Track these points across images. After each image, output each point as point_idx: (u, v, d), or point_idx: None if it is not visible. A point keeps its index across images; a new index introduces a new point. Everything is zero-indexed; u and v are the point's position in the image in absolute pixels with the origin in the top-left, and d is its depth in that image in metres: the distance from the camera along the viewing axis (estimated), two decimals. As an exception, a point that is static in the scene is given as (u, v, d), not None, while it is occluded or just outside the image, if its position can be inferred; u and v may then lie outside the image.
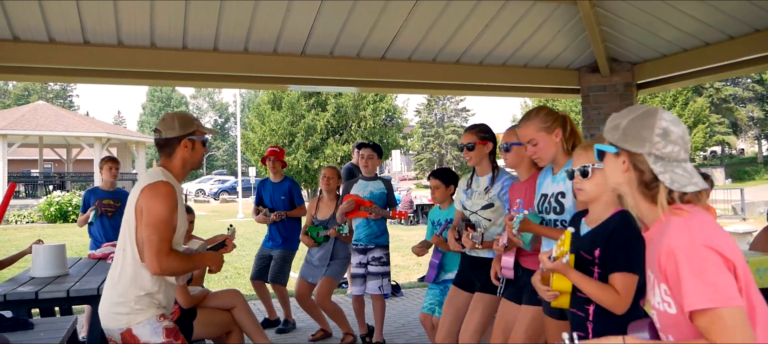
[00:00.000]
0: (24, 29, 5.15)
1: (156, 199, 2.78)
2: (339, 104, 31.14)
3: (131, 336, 2.81)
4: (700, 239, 1.67)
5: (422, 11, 5.71)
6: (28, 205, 24.34)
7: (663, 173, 1.81)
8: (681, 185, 1.79)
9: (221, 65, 5.85)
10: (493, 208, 3.94)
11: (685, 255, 1.66)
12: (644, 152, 1.84)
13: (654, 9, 5.74)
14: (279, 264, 6.29)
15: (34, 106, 31.14)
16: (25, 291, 4.23)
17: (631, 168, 1.88)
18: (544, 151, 3.16)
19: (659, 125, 1.84)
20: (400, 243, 13.61)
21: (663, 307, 1.79)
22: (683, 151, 1.83)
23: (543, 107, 3.27)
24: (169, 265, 2.78)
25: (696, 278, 1.63)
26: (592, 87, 6.94)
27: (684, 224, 1.73)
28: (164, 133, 2.96)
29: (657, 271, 1.77)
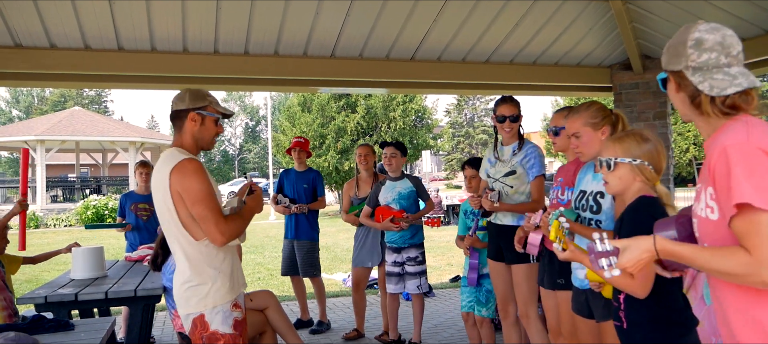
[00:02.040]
0: (59, 37, 5.26)
1: (190, 177, 2.78)
2: (369, 105, 31.17)
3: (203, 323, 2.83)
4: (757, 142, 1.62)
5: (451, 11, 5.69)
6: (66, 209, 24.88)
7: (702, 82, 1.77)
8: (721, 89, 1.74)
9: (252, 69, 5.91)
10: (515, 175, 4.08)
11: (740, 153, 1.61)
12: (682, 67, 1.82)
13: (687, 5, 5.64)
14: (307, 257, 6.34)
15: (71, 112, 31.79)
16: (65, 292, 4.34)
17: (679, 88, 1.86)
18: (587, 146, 3.15)
19: (692, 36, 1.81)
20: (432, 244, 13.58)
21: (705, 213, 1.73)
22: (724, 56, 1.77)
23: (595, 102, 3.26)
24: (229, 231, 2.80)
25: (747, 175, 1.58)
26: (624, 85, 6.85)
27: (741, 125, 1.68)
28: (175, 105, 2.97)
29: (706, 174, 1.72)
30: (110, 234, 17.37)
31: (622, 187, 2.48)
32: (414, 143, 30.81)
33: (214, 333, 2.83)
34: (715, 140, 1.71)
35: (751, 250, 1.57)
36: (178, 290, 2.90)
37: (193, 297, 2.84)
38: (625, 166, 2.44)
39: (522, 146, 4.13)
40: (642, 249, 1.78)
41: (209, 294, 2.83)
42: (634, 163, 2.43)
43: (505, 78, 6.81)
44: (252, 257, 13.15)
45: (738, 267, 1.58)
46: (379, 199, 5.53)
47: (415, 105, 32.18)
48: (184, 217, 2.82)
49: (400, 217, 5.36)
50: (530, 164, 4.05)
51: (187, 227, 2.83)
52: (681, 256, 1.72)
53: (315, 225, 6.47)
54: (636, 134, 2.50)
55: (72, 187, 30.13)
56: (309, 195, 6.44)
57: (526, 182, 4.07)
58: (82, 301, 4.33)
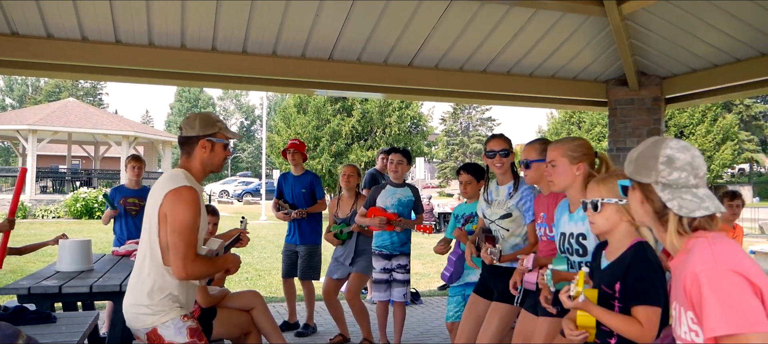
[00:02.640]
0: (57, 27, 5.24)
1: (181, 205, 2.79)
2: (365, 109, 31.18)
3: (156, 336, 2.85)
4: (725, 263, 1.64)
5: (451, 20, 5.70)
6: (54, 200, 24.72)
7: (671, 200, 1.81)
8: (690, 211, 1.77)
9: (249, 68, 5.89)
10: (511, 218, 3.95)
11: (709, 279, 1.63)
12: (651, 181, 1.85)
13: (684, 23, 5.67)
14: (306, 260, 6.32)
15: (65, 103, 31.64)
16: (49, 284, 4.30)
17: (645, 200, 1.89)
18: (558, 177, 3.13)
19: (663, 153, 1.84)
20: (421, 250, 13.57)
21: (690, 337, 1.74)
22: (692, 176, 1.82)
23: (578, 138, 3.24)
24: (194, 271, 2.81)
25: (720, 302, 1.60)
26: (619, 100, 6.87)
27: (707, 247, 1.71)
28: (185, 131, 2.98)
29: (683, 298, 1.74)
30: (99, 228, 17.27)
31: (608, 227, 2.49)
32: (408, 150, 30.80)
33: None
34: (686, 266, 1.74)
35: None
36: (129, 306, 2.92)
37: (141, 315, 2.88)
38: (611, 207, 2.46)
39: (517, 187, 3.97)
40: None
41: (157, 313, 2.87)
42: (621, 203, 2.44)
43: (502, 88, 6.82)
44: (241, 257, 13.10)
45: None
46: (376, 201, 5.51)
47: (411, 111, 32.21)
48: (163, 240, 2.84)
49: (393, 220, 5.35)
50: (526, 207, 3.90)
51: (162, 249, 2.85)
52: None
53: (317, 229, 6.45)
54: (620, 175, 2.49)
55: (62, 178, 29.94)
56: (308, 199, 6.42)
57: (522, 225, 3.93)
58: (65, 294, 4.29)
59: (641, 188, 1.89)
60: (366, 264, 5.73)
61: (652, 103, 6.72)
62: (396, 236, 5.45)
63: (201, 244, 3.02)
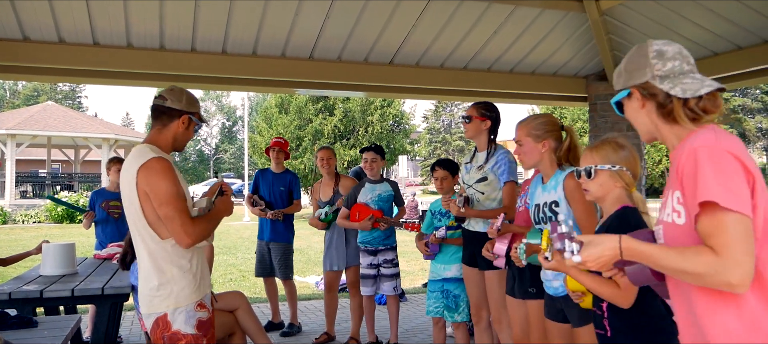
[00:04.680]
0: (34, 29, 5.18)
1: (157, 176, 2.74)
2: (346, 108, 31.14)
3: (165, 322, 2.78)
4: (726, 145, 1.64)
5: (430, 17, 5.71)
6: (35, 205, 24.44)
7: (673, 87, 1.79)
8: (694, 91, 1.76)
9: (229, 68, 5.86)
10: (486, 181, 4.13)
11: (708, 154, 1.62)
12: (648, 78, 1.84)
13: (662, 19, 5.73)
14: (282, 259, 6.30)
15: (43, 106, 31.29)
16: (30, 289, 4.25)
17: (646, 100, 1.86)
18: (526, 155, 3.29)
19: (651, 49, 1.85)
20: (405, 248, 13.59)
21: (671, 218, 1.73)
22: (685, 63, 1.82)
23: (542, 115, 3.35)
24: (196, 233, 2.77)
25: (714, 175, 1.59)
26: (599, 95, 6.93)
27: (711, 129, 1.71)
28: (170, 102, 2.92)
29: (674, 177, 1.72)
30: (80, 231, 17.10)
31: (602, 193, 2.52)
32: (391, 148, 30.83)
33: (175, 333, 2.79)
34: (684, 145, 1.73)
35: (717, 250, 1.56)
36: (143, 291, 2.86)
37: (156, 297, 2.80)
38: (604, 173, 2.49)
39: (492, 154, 4.16)
40: (606, 246, 1.76)
41: (172, 294, 2.79)
42: (614, 169, 2.48)
43: (483, 85, 6.84)
44: (224, 257, 13.04)
45: (703, 267, 1.58)
46: (357, 199, 5.52)
47: (393, 110, 32.21)
48: (151, 216, 2.78)
49: (379, 217, 5.36)
50: (501, 170, 4.09)
51: (153, 225, 2.79)
52: (646, 255, 1.70)
53: (290, 227, 6.44)
54: (612, 142, 2.55)
55: (42, 183, 29.63)
56: (285, 198, 6.40)
57: (497, 189, 4.11)
58: (47, 298, 4.24)
59: (639, 90, 1.86)
60: (357, 254, 5.75)
61: (632, 97, 6.77)
62: (378, 230, 5.47)
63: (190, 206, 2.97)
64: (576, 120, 37.39)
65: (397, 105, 32.66)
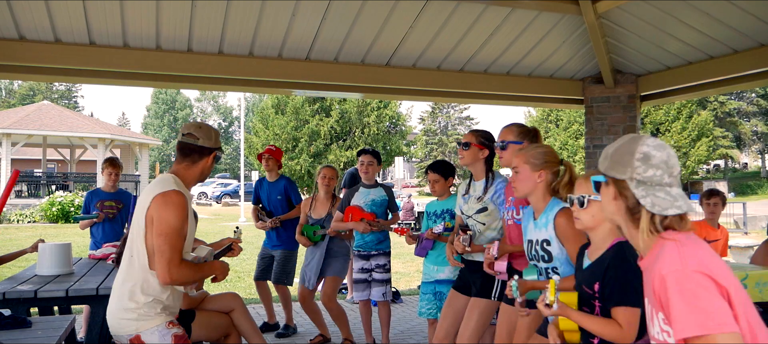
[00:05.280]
0: (30, 29, 5.16)
1: (168, 209, 2.78)
2: (343, 109, 31.18)
3: (139, 342, 2.81)
4: (692, 265, 1.65)
5: (427, 19, 5.71)
6: (30, 205, 24.37)
7: (644, 197, 1.81)
8: (662, 209, 1.78)
9: (226, 69, 5.85)
10: (486, 212, 4.00)
11: (676, 281, 1.64)
12: (626, 177, 1.85)
13: (659, 22, 5.74)
14: (281, 265, 6.29)
15: (39, 106, 31.22)
16: (24, 289, 4.23)
17: (618, 196, 1.88)
18: (521, 183, 3.19)
19: (640, 149, 1.85)
20: (401, 250, 13.59)
21: (662, 337, 1.76)
22: (667, 175, 1.82)
23: (543, 146, 3.29)
24: (179, 276, 2.79)
25: (687, 304, 1.61)
26: (595, 98, 6.94)
27: (675, 248, 1.71)
28: (201, 141, 3.00)
29: (653, 300, 1.75)
30: (75, 231, 17.07)
31: (593, 224, 2.50)
32: (387, 149, 30.85)
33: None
34: (654, 267, 1.74)
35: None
36: (113, 312, 2.89)
37: (124, 320, 2.85)
38: (597, 204, 2.44)
39: (492, 182, 4.02)
40: None
41: (141, 318, 2.84)
42: None
43: (480, 87, 6.84)
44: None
45: None
46: (351, 203, 5.52)
47: (390, 111, 32.26)
48: (149, 243, 2.82)
49: (371, 220, 5.35)
50: (501, 200, 3.93)
51: (148, 253, 2.83)
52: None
53: (293, 234, 6.39)
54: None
55: (38, 182, 29.54)
56: (284, 204, 6.39)
57: (498, 219, 3.98)
58: (41, 298, 4.23)
59: (616, 183, 1.89)
60: (340, 267, 5.72)
61: (628, 100, 6.79)
62: (371, 235, 5.45)
63: (189, 250, 3.00)
64: (572, 123, 37.48)
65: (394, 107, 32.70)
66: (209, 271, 3.06)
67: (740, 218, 22.24)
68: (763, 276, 3.97)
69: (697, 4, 5.35)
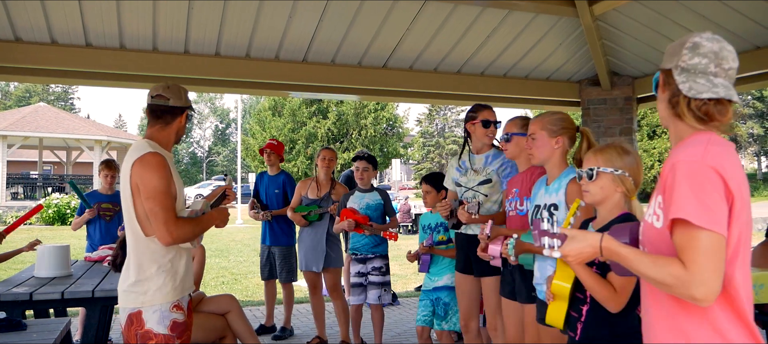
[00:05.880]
0: (26, 30, 5.15)
1: (148, 171, 2.75)
2: (340, 111, 31.19)
3: (138, 319, 2.77)
4: (710, 160, 1.64)
5: (424, 21, 5.72)
6: (26, 207, 24.30)
7: (684, 82, 1.78)
8: (697, 92, 1.74)
9: (223, 70, 5.85)
10: (490, 184, 4.06)
11: (688, 169, 1.63)
12: (673, 65, 1.83)
13: (655, 24, 5.75)
14: (284, 263, 6.28)
15: (35, 107, 31.16)
16: (20, 292, 4.21)
17: (664, 86, 1.86)
18: (538, 149, 3.21)
19: (692, 39, 1.82)
20: (399, 252, 13.58)
21: (651, 219, 1.76)
22: (713, 65, 1.77)
23: (560, 113, 3.30)
24: (179, 233, 2.75)
25: (691, 192, 1.61)
26: (592, 100, 6.95)
27: (703, 144, 1.69)
28: (172, 100, 2.95)
29: (660, 183, 1.74)
30: (71, 234, 17.04)
31: (602, 196, 2.48)
32: (384, 151, 30.85)
33: (147, 332, 2.77)
34: (672, 153, 1.74)
35: (686, 264, 1.61)
36: (121, 286, 2.85)
37: (132, 293, 2.80)
38: (606, 176, 2.44)
39: (497, 155, 4.09)
40: (587, 243, 1.82)
41: (148, 291, 2.78)
42: (616, 173, 2.44)
43: (476, 89, 6.85)
44: (217, 260, 13.01)
45: (671, 278, 1.62)
46: (346, 206, 5.51)
47: (387, 113, 32.28)
48: (140, 211, 2.79)
49: (363, 223, 5.33)
50: (507, 172, 4.00)
51: (140, 221, 2.79)
52: (622, 257, 1.75)
53: (290, 230, 6.40)
54: (617, 146, 2.52)
55: (34, 184, 29.48)
56: (280, 199, 6.37)
57: (498, 191, 4.05)
58: (37, 301, 4.21)
59: (664, 74, 1.86)
60: (336, 256, 5.75)
61: (624, 103, 6.80)
62: (367, 237, 5.45)
63: (182, 208, 2.96)
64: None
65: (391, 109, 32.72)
66: (208, 222, 3.01)
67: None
68: (759, 277, 3.98)
69: (693, 7, 5.36)
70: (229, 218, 3.19)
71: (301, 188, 5.97)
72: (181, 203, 2.91)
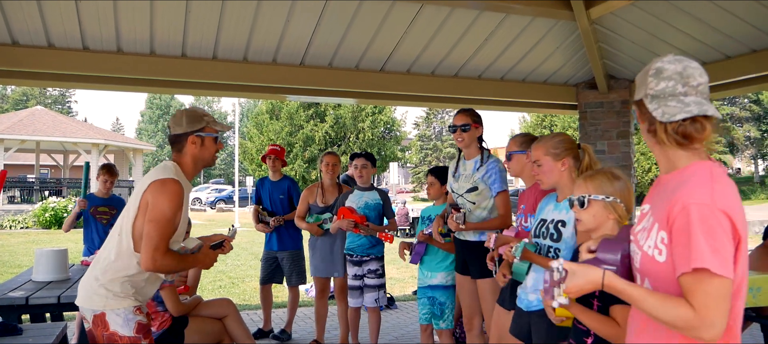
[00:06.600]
0: (23, 33, 5.14)
1: (163, 196, 2.77)
2: (338, 115, 31.19)
3: (103, 322, 2.79)
4: (720, 204, 1.64)
5: (422, 24, 5.72)
6: (23, 210, 24.23)
7: (656, 109, 1.79)
8: (671, 116, 1.76)
9: (220, 74, 5.84)
10: (477, 191, 4.12)
11: (702, 216, 1.63)
12: (643, 95, 1.84)
13: (652, 28, 5.76)
14: (293, 266, 6.26)
15: (32, 111, 31.09)
16: (15, 296, 4.21)
17: (641, 117, 1.87)
18: (545, 175, 3.21)
19: (654, 66, 1.83)
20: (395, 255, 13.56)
21: (652, 252, 1.76)
22: (680, 84, 1.79)
23: (560, 134, 3.31)
24: (163, 264, 2.77)
25: (707, 240, 1.61)
26: (589, 103, 6.95)
27: (709, 181, 1.70)
28: (173, 129, 2.97)
29: (663, 219, 1.73)
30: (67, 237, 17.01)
31: (595, 224, 2.47)
32: (382, 155, 30.83)
33: (113, 334, 2.80)
34: (679, 189, 1.72)
35: (697, 308, 1.62)
36: (86, 281, 2.88)
37: (95, 294, 2.82)
38: (598, 203, 2.44)
39: (484, 162, 4.15)
40: (588, 279, 1.82)
41: (109, 296, 2.81)
42: (607, 200, 2.44)
43: (474, 93, 6.85)
44: (214, 265, 12.96)
45: (680, 321, 1.64)
46: (345, 204, 5.50)
47: (384, 117, 32.29)
48: (138, 226, 2.80)
49: (360, 223, 5.32)
50: (492, 179, 4.08)
51: (134, 235, 2.82)
52: (627, 295, 1.75)
53: (297, 234, 6.37)
54: (607, 172, 2.52)
55: (31, 188, 29.40)
56: (285, 204, 6.36)
57: (488, 198, 4.11)
58: (32, 305, 4.20)
59: (637, 105, 1.87)
60: (345, 261, 5.73)
61: (622, 106, 6.81)
62: (362, 239, 5.44)
63: (179, 241, 2.98)
64: (566, 128, 37.55)
65: (389, 112, 32.72)
66: (193, 263, 3.03)
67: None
68: (756, 281, 3.98)
69: (690, 10, 5.37)
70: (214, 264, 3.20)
71: (307, 195, 5.95)
72: (178, 236, 2.92)
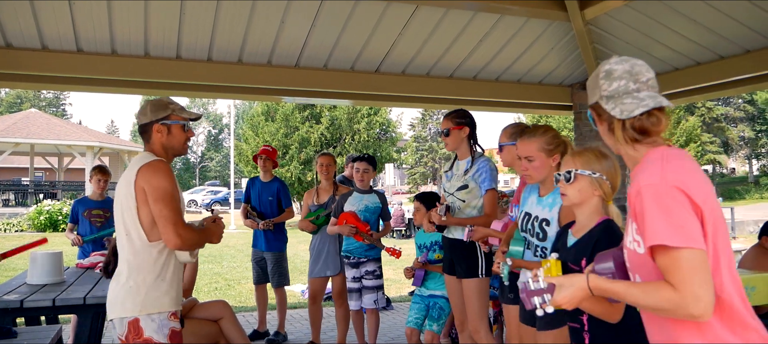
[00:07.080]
0: (17, 36, 5.12)
1: (158, 175, 2.78)
2: (333, 116, 31.16)
3: (136, 327, 2.74)
4: (671, 179, 1.67)
5: (416, 26, 5.72)
6: (17, 213, 24.15)
7: (614, 108, 1.83)
8: (629, 112, 1.80)
9: (215, 76, 5.83)
10: (467, 189, 4.15)
11: (653, 193, 1.66)
12: (597, 98, 1.89)
13: (646, 28, 5.77)
14: (276, 268, 6.28)
15: (26, 114, 31.02)
16: (10, 299, 4.18)
17: (599, 119, 1.93)
18: (536, 171, 3.22)
19: (603, 69, 1.89)
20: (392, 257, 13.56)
21: (633, 246, 1.78)
22: (632, 82, 1.84)
23: (551, 129, 3.31)
24: (186, 237, 2.76)
25: (660, 215, 1.63)
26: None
27: (659, 163, 1.73)
28: (139, 119, 2.98)
29: (630, 210, 1.77)
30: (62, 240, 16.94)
31: (579, 199, 2.48)
32: (378, 156, 30.80)
33: (148, 340, 2.76)
34: (634, 178, 1.77)
35: (676, 286, 1.62)
36: (114, 291, 2.82)
37: (129, 299, 2.76)
38: (585, 178, 2.46)
39: (474, 161, 4.19)
40: (577, 287, 1.85)
41: (146, 298, 2.76)
42: (594, 176, 2.45)
43: (469, 94, 6.85)
44: (210, 266, 12.96)
45: (665, 303, 1.64)
46: (344, 208, 5.49)
47: (380, 118, 32.27)
48: (145, 217, 2.78)
49: (363, 231, 5.30)
50: (482, 178, 4.11)
51: (145, 227, 2.78)
52: (614, 293, 1.79)
53: (282, 236, 6.39)
54: (595, 150, 2.54)
55: (25, 191, 29.31)
56: (274, 206, 6.36)
57: (478, 197, 4.14)
58: (27, 308, 4.18)
59: (594, 109, 1.93)
60: (341, 262, 5.73)
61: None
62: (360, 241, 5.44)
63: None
64: (561, 129, 37.58)
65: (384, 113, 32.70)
66: (209, 234, 3.02)
67: (728, 223, 22.37)
68: (752, 280, 4.00)
69: (684, 11, 5.39)
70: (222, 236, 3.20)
71: (307, 198, 6.00)
72: (182, 208, 2.92)
